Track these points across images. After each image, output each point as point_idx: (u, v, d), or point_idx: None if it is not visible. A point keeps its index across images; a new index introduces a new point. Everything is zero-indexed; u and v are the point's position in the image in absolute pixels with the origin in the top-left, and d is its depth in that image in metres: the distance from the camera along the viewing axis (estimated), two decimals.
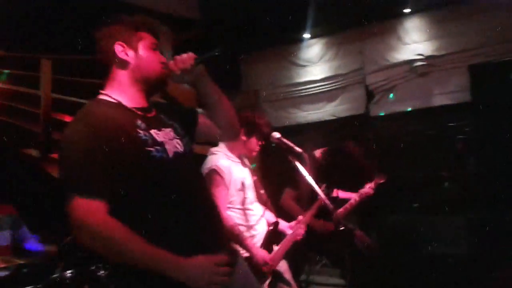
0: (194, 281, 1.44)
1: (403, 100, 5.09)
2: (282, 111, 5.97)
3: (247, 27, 5.31)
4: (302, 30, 5.56)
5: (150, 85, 1.70)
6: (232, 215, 2.76)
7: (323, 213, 3.19)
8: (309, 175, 2.60)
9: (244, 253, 2.69)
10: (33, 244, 3.72)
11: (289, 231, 2.99)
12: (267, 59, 6.08)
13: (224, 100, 1.83)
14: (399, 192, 5.02)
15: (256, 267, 2.65)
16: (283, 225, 3.04)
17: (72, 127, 1.56)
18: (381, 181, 3.72)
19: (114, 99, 1.65)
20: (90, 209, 1.44)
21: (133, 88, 1.68)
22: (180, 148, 1.68)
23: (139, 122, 1.61)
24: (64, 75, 4.53)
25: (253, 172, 3.00)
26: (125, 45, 1.65)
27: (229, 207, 2.77)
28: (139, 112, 1.65)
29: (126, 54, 1.65)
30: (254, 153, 2.96)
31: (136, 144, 1.55)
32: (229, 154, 2.89)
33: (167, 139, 1.65)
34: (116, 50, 1.64)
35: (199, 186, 1.73)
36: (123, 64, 1.66)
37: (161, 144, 1.61)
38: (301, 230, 2.96)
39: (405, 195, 4.99)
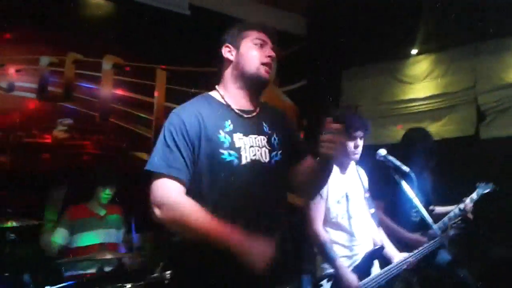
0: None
1: None
2: (382, 129, 5.75)
3: (352, 42, 5.26)
4: (410, 46, 5.37)
5: (247, 81, 1.76)
6: (328, 231, 2.64)
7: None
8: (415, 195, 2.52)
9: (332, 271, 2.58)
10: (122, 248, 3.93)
11: (395, 259, 2.79)
12: (370, 75, 5.93)
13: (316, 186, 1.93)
14: (509, 222, 4.64)
15: None
16: (390, 250, 2.85)
17: (171, 114, 1.73)
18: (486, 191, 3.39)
19: (220, 95, 1.77)
20: (168, 187, 1.61)
21: (234, 85, 1.78)
22: (264, 158, 1.70)
23: (228, 122, 1.70)
24: (177, 85, 4.82)
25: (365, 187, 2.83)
26: (230, 46, 1.79)
27: (326, 221, 2.65)
28: (235, 112, 1.73)
29: (231, 54, 1.78)
30: (357, 155, 2.73)
31: (213, 143, 1.65)
32: None
33: (251, 145, 1.69)
34: (223, 51, 1.80)
35: (266, 200, 1.69)
36: (228, 63, 1.80)
37: (237, 149, 1.66)
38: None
39: None
